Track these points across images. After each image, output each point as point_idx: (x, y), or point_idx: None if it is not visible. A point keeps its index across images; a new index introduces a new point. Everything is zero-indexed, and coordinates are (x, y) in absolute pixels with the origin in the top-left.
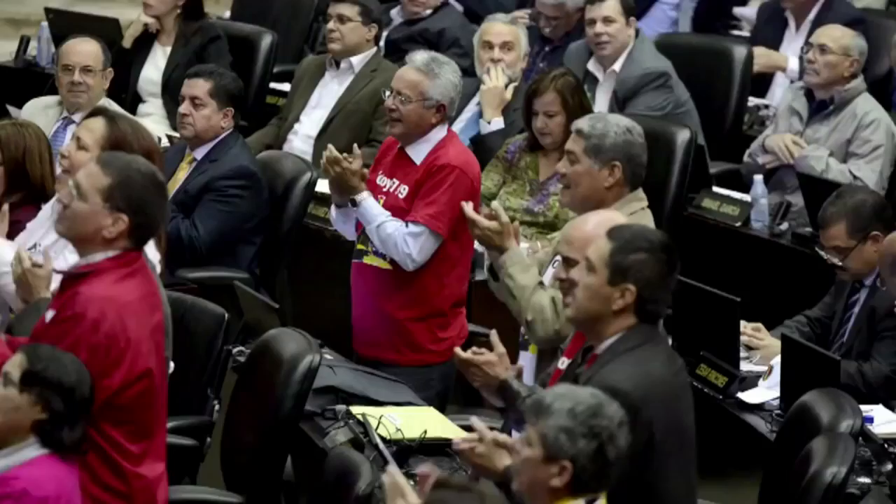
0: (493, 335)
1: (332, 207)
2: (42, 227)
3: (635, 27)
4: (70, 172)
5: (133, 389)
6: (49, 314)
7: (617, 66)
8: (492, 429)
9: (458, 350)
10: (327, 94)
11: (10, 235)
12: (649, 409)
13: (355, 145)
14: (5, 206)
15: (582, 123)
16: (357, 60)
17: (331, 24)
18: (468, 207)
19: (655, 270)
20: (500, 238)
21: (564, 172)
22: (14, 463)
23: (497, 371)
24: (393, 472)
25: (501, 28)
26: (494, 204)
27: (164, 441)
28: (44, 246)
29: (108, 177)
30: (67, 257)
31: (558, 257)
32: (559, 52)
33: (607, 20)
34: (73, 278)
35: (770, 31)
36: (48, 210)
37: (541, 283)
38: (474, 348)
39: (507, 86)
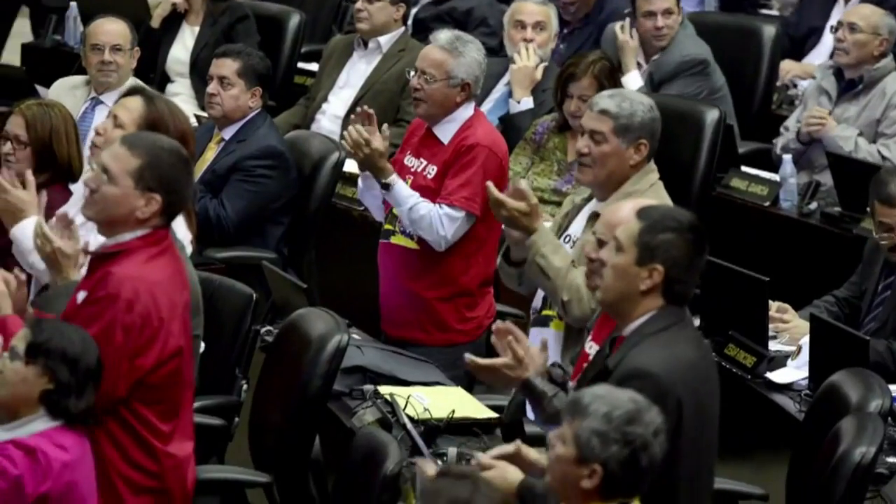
0: (516, 331)
1: (359, 181)
2: (73, 207)
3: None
4: (102, 150)
5: (165, 368)
6: (80, 295)
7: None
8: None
9: (469, 357)
10: (355, 74)
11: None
12: (678, 392)
13: (385, 125)
14: (31, 176)
15: (607, 103)
16: (385, 40)
17: (359, 4)
18: (494, 188)
19: (683, 250)
20: (528, 219)
21: (587, 151)
22: (24, 435)
23: (517, 373)
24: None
25: (534, 8)
26: (523, 184)
27: (191, 420)
28: (77, 223)
29: (136, 158)
30: (98, 235)
31: (569, 233)
32: (577, 34)
33: (668, 12)
34: (102, 258)
35: (818, 4)
36: (79, 191)
37: (572, 263)
38: (498, 323)
39: (537, 66)
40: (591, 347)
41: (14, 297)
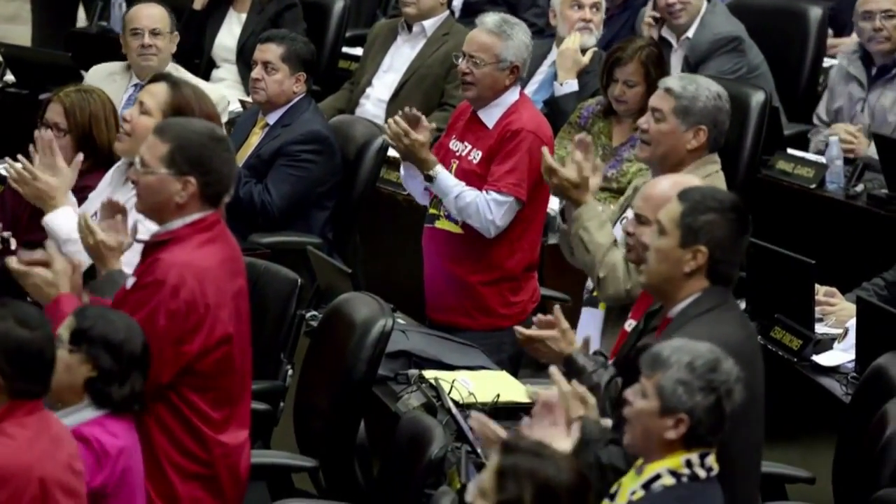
0: (557, 310)
1: (402, 167)
2: (103, 195)
3: None
4: (130, 136)
5: (213, 355)
6: (130, 281)
7: (690, 33)
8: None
9: (518, 328)
10: (399, 58)
11: (80, 202)
12: None
13: (423, 117)
14: (79, 156)
15: (673, 83)
16: (429, 24)
17: None
18: (548, 154)
19: (726, 231)
20: (577, 192)
21: (647, 128)
22: (72, 424)
23: (561, 346)
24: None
25: None
26: (578, 155)
27: (248, 408)
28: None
29: (165, 143)
30: (129, 223)
31: (626, 215)
32: (615, 19)
33: None
34: (154, 246)
35: None
36: (108, 178)
37: (614, 242)
38: (539, 316)
39: (586, 50)
40: (629, 325)
41: (72, 281)
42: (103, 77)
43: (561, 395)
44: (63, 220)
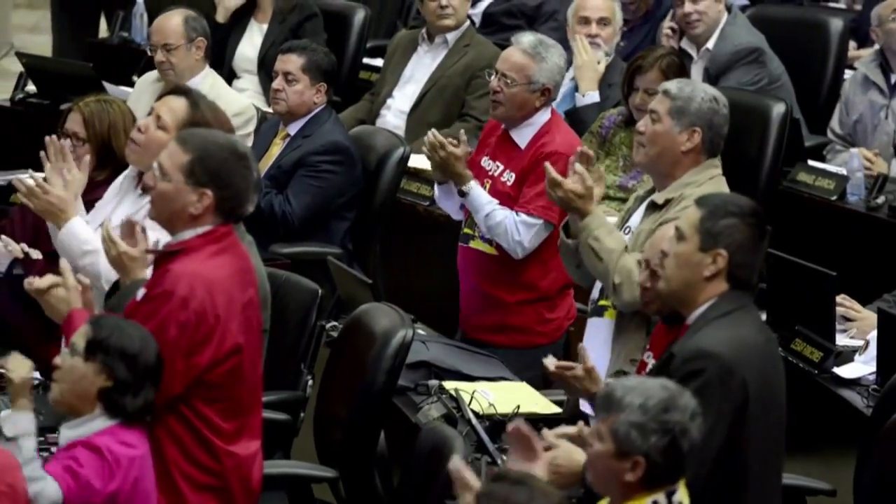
0: (581, 348)
1: (436, 186)
2: (110, 204)
3: (726, 2)
4: (141, 147)
5: (223, 367)
6: (140, 293)
7: (710, 44)
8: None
9: (547, 362)
10: (420, 69)
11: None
12: (743, 371)
13: (462, 130)
14: (86, 158)
15: (670, 85)
16: (451, 35)
17: (444, 1)
18: (551, 168)
19: (746, 234)
20: (582, 202)
21: (643, 130)
22: (84, 434)
23: (585, 385)
24: (457, 463)
25: (598, 3)
26: (578, 167)
27: (259, 419)
28: (114, 221)
29: (187, 153)
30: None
31: (629, 224)
32: (637, 31)
33: None
34: (165, 257)
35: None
36: (116, 186)
37: (625, 247)
38: (563, 363)
39: (599, 60)
40: (648, 357)
41: (84, 298)
42: (150, 83)
43: (562, 454)
44: (80, 232)
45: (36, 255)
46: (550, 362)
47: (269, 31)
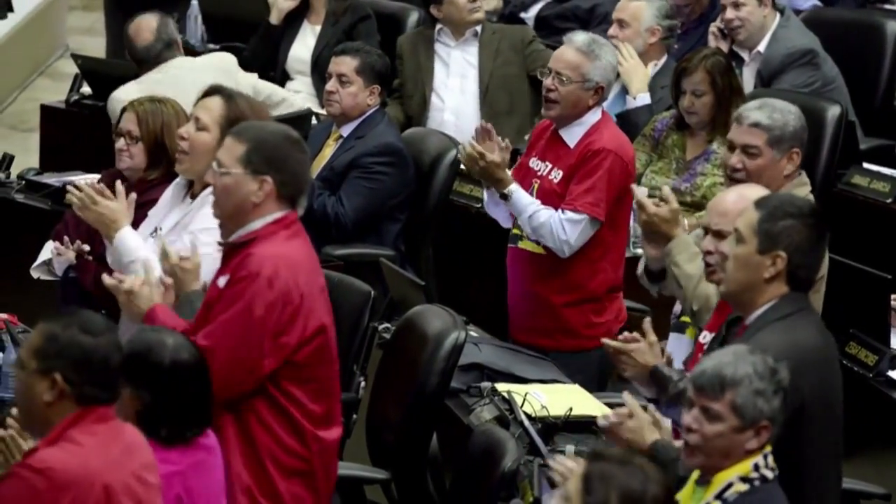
0: (647, 323)
1: (485, 193)
2: (162, 212)
3: (772, 5)
4: (189, 154)
5: (310, 346)
6: (221, 280)
7: (761, 47)
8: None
9: (606, 340)
10: (457, 64)
11: (143, 217)
12: (800, 377)
13: (499, 137)
14: (132, 196)
15: (758, 116)
16: (477, 28)
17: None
18: (639, 192)
19: (805, 235)
20: (667, 225)
21: (740, 167)
22: None
23: (647, 359)
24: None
25: (625, 4)
26: (666, 189)
27: (339, 404)
28: (165, 230)
29: (242, 144)
30: (185, 240)
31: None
32: (692, 33)
33: (737, 5)
34: (236, 248)
35: None
36: (168, 195)
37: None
38: (626, 333)
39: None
40: (704, 338)
41: (165, 298)
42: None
43: (636, 420)
44: (131, 241)
45: (87, 248)
46: (610, 340)
47: (323, 32)
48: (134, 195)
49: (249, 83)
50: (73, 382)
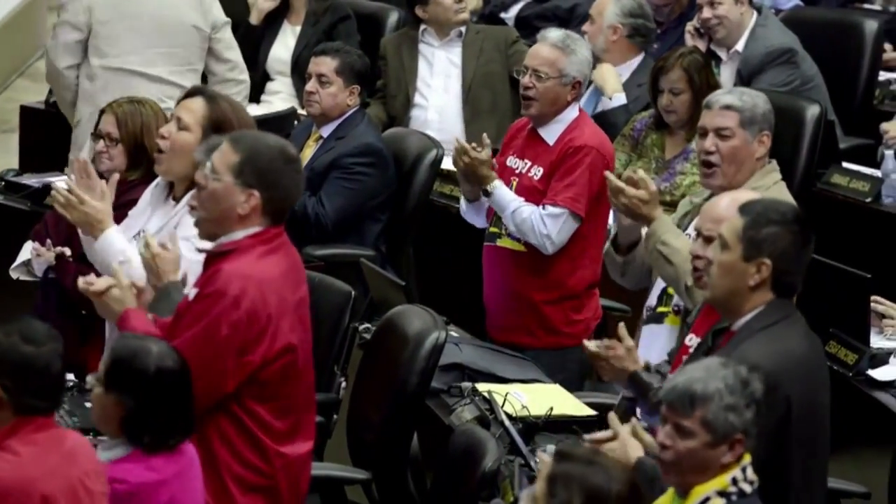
0: (622, 328)
1: (462, 201)
2: (144, 215)
3: (749, 3)
4: (168, 154)
5: (274, 365)
6: (192, 292)
7: (739, 46)
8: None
9: (586, 343)
10: (441, 63)
11: (122, 216)
12: (786, 386)
13: (485, 135)
14: (115, 176)
15: (728, 99)
16: (461, 28)
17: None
18: (613, 176)
19: (790, 242)
20: (647, 207)
21: (714, 150)
22: (110, 458)
23: (625, 364)
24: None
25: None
26: (641, 173)
27: (313, 419)
28: (149, 233)
29: (237, 153)
30: (179, 246)
31: (688, 232)
32: (671, 33)
33: (713, 3)
34: (216, 256)
35: None
36: (147, 197)
37: None
38: (604, 340)
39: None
40: (691, 340)
41: (140, 300)
42: None
43: (619, 442)
44: (116, 242)
45: (67, 251)
46: (591, 344)
47: (303, 33)
48: (117, 176)
49: (222, 20)
50: (11, 392)
